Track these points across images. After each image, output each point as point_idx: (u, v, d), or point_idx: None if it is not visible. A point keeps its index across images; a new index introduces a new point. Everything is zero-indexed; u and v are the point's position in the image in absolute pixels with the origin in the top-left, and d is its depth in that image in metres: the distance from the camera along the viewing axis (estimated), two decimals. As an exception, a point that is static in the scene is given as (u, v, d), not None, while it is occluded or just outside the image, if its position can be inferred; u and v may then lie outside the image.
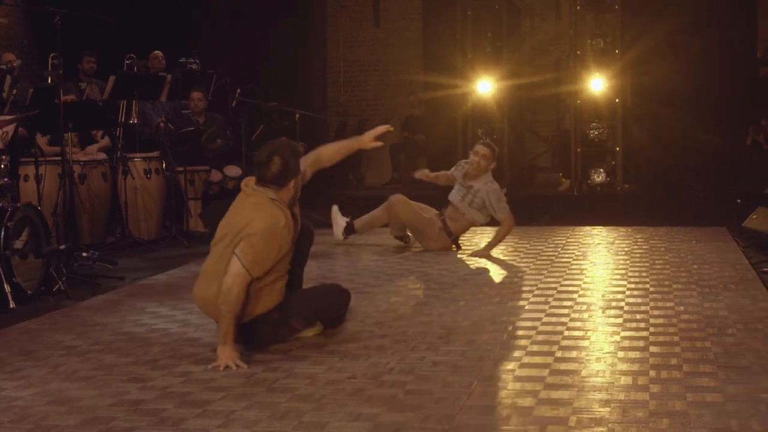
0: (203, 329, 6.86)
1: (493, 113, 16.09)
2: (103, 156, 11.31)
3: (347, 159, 18.18)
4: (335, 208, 10.91)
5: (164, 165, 11.66)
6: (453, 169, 10.65)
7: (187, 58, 13.38)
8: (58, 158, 9.88)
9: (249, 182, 6.27)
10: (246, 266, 5.90)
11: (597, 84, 15.72)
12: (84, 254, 9.21)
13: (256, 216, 6.03)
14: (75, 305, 7.96)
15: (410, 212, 10.47)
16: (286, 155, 6.16)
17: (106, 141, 11.75)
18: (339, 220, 10.83)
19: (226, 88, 13.79)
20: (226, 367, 5.77)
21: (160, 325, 7.06)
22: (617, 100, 15.79)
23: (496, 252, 10.06)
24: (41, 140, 10.64)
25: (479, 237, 10.97)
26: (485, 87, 16.07)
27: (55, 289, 8.29)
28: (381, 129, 7.04)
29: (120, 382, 5.53)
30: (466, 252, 10.26)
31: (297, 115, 13.23)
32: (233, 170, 12.43)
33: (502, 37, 16.44)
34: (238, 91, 13.44)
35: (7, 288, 7.77)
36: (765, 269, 8.71)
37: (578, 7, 16.20)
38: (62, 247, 8.74)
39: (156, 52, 13.45)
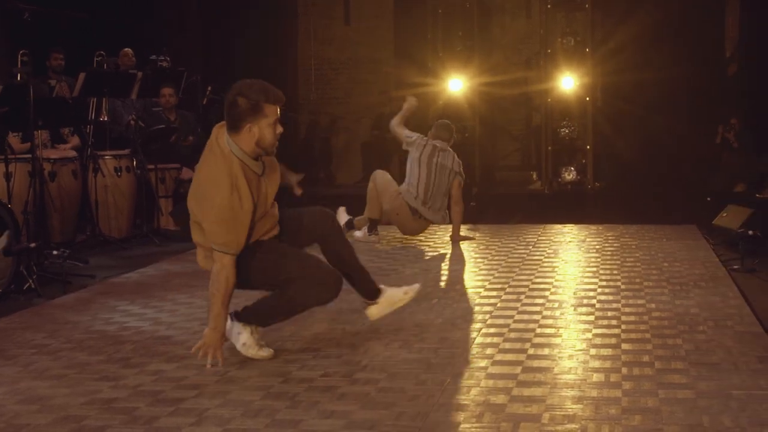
0: (175, 327, 6.85)
1: (464, 111, 16.14)
2: (73, 154, 11.25)
3: (319, 157, 18.25)
4: (341, 210, 10.92)
5: (135, 163, 11.61)
6: (411, 139, 10.98)
7: (157, 56, 13.32)
8: (28, 156, 9.82)
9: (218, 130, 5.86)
10: (222, 250, 5.73)
11: (568, 82, 15.79)
12: (54, 252, 9.15)
13: (203, 191, 5.71)
14: (46, 303, 7.93)
15: (385, 181, 10.77)
16: (240, 94, 5.71)
17: (76, 139, 11.68)
18: (341, 218, 10.85)
19: (196, 86, 13.74)
20: (204, 355, 5.67)
21: (131, 324, 7.04)
22: (588, 99, 15.87)
23: (467, 251, 10.08)
24: (12, 138, 10.57)
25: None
26: (456, 85, 16.12)
27: (25, 288, 8.25)
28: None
29: (92, 381, 5.51)
30: (438, 250, 10.27)
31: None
32: (204, 168, 12.38)
33: (473, 35, 16.50)
34: (209, 88, 13.41)
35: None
36: (735, 267, 8.76)
37: (549, 6, 16.28)
38: (32, 245, 8.69)
39: (126, 49, 13.39)
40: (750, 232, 9.05)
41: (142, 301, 7.85)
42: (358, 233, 10.86)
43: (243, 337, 5.91)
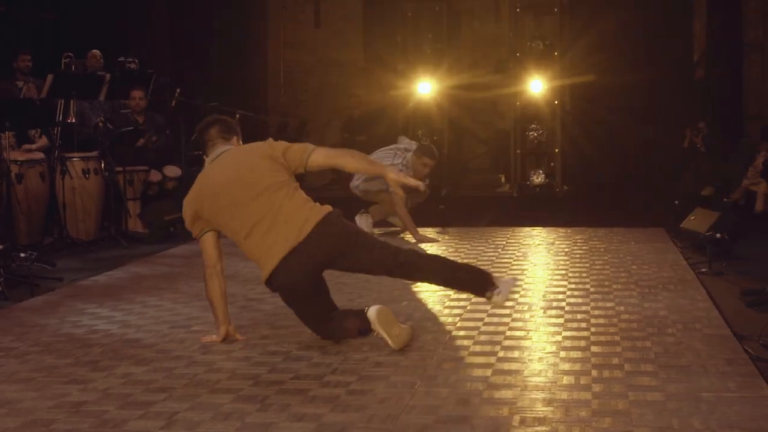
0: (144, 330, 6.82)
1: (433, 114, 16.16)
2: (40, 155, 11.19)
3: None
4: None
5: (103, 165, 11.55)
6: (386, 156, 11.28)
7: (125, 58, 13.26)
8: (-5, 158, 9.77)
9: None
10: None
11: (536, 86, 15.84)
12: (22, 255, 9.12)
13: None
14: (13, 306, 7.88)
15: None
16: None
17: (44, 140, 11.62)
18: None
19: (165, 88, 13.69)
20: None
21: (100, 326, 7.00)
22: (556, 102, 15.92)
23: (437, 253, 10.08)
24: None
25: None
26: (425, 88, 16.14)
27: (-8, 290, 8.20)
28: (412, 183, 6.48)
29: (60, 384, 5.48)
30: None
31: (237, 116, 13.14)
32: (173, 170, 12.35)
33: (443, 38, 16.52)
34: (178, 90, 13.34)
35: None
36: (703, 270, 8.79)
37: (518, 10, 16.33)
38: (-1, 247, 8.65)
39: (94, 51, 13.32)
40: (717, 235, 9.09)
41: (110, 304, 7.81)
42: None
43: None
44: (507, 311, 7.22)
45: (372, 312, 6.06)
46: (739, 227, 10.02)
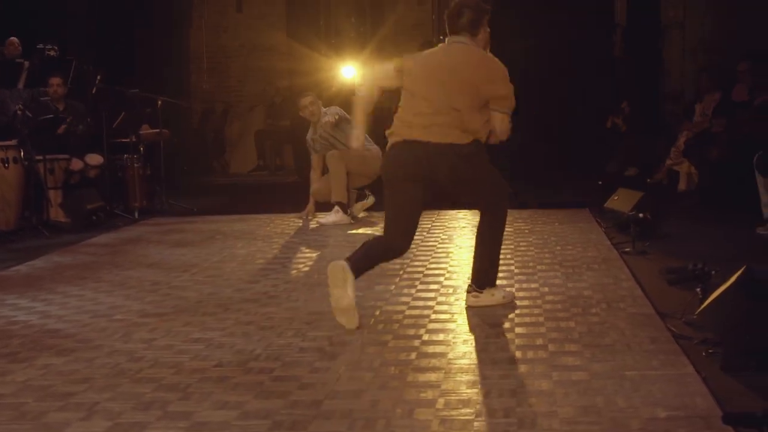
0: (65, 320, 6.72)
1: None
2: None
3: (212, 146, 18.11)
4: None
5: (22, 154, 11.35)
6: (312, 149, 11.66)
7: (44, 45, 13.07)
8: None
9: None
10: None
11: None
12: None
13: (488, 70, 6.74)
14: (-70, 298, 7.73)
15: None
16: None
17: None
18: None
19: (86, 75, 13.52)
20: None
21: (20, 317, 6.88)
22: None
23: (363, 238, 10.01)
24: None
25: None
26: (349, 72, 16.08)
27: None
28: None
29: (-22, 376, 5.38)
30: (334, 237, 10.23)
31: (159, 102, 13.06)
32: (94, 158, 12.21)
33: (366, 22, 16.48)
34: (99, 77, 13.19)
35: None
36: (626, 249, 8.84)
37: (441, -8, 16.31)
38: None
39: (11, 38, 13.12)
40: (641, 215, 9.15)
41: (31, 294, 7.68)
42: (331, 217, 11.14)
43: None
44: (432, 294, 7.22)
45: (331, 264, 6.22)
46: (662, 206, 10.10)
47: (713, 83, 13.02)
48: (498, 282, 7.36)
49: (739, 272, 5.46)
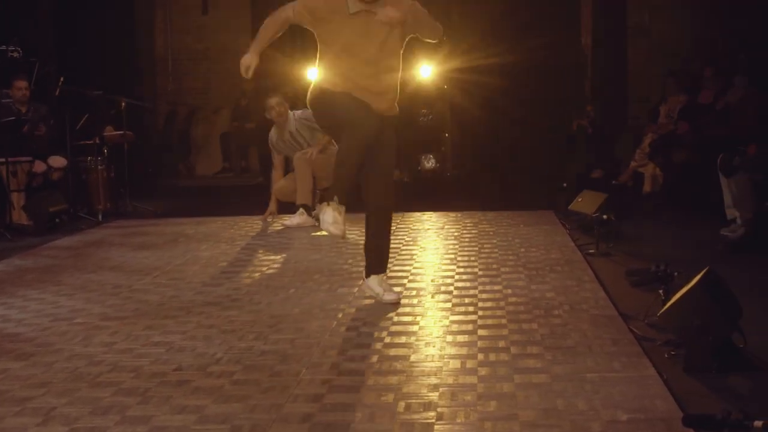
0: (24, 324, 6.65)
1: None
2: None
3: (177, 148, 18.00)
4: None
5: (-16, 156, 11.26)
6: (275, 149, 11.62)
7: (7, 46, 12.96)
8: None
9: None
10: None
11: (425, 71, 15.81)
12: None
13: None
14: None
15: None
16: None
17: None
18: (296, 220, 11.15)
19: (49, 77, 13.42)
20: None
21: (-22, 321, 6.82)
22: (445, 87, 15.93)
23: (325, 240, 9.93)
24: None
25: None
26: (314, 74, 16.03)
27: None
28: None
29: (-66, 381, 5.31)
30: (298, 239, 10.18)
31: (123, 104, 12.97)
32: (58, 161, 12.10)
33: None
34: (62, 79, 13.08)
35: None
36: (590, 251, 8.86)
37: (406, -6, 16.28)
38: None
39: (-27, 40, 13.01)
40: (604, 217, 9.15)
41: (-10, 298, 7.61)
42: (295, 219, 11.08)
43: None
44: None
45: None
46: (626, 208, 10.12)
47: (679, 86, 13.06)
48: (462, 284, 7.39)
49: (702, 273, 5.47)
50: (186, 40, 18.69)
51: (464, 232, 10.34)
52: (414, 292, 7.35)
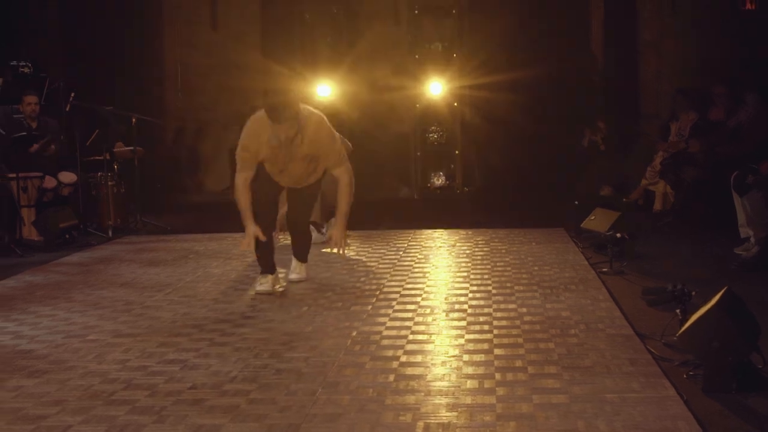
0: (37, 341, 6.61)
1: (331, 117, 16.03)
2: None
3: (186, 164, 18.00)
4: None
5: (-5, 171, 11.25)
6: None
7: (18, 62, 12.96)
8: None
9: None
10: None
11: (436, 88, 15.82)
12: None
13: None
14: None
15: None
16: None
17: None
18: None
19: (59, 92, 13.42)
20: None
21: (-10, 338, 6.78)
22: (456, 104, 15.92)
23: (337, 257, 9.92)
24: None
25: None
26: (325, 91, 16.04)
27: None
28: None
29: (-53, 399, 5.28)
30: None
31: (133, 120, 12.95)
32: (68, 176, 12.10)
33: (341, 41, 16.45)
34: (72, 94, 13.08)
35: None
36: (604, 269, 8.81)
37: (416, 12, 16.32)
38: None
39: (-16, 56, 13.02)
40: (618, 235, 9.11)
41: (2, 314, 7.57)
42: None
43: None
44: (409, 315, 7.15)
45: None
46: (639, 226, 10.07)
47: (689, 103, 13.01)
48: (476, 302, 7.36)
49: (721, 293, 5.42)
50: (195, 55, 18.66)
51: (476, 249, 10.30)
52: (428, 310, 7.31)
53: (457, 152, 16.06)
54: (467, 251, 10.22)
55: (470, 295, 7.87)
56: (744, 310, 5.50)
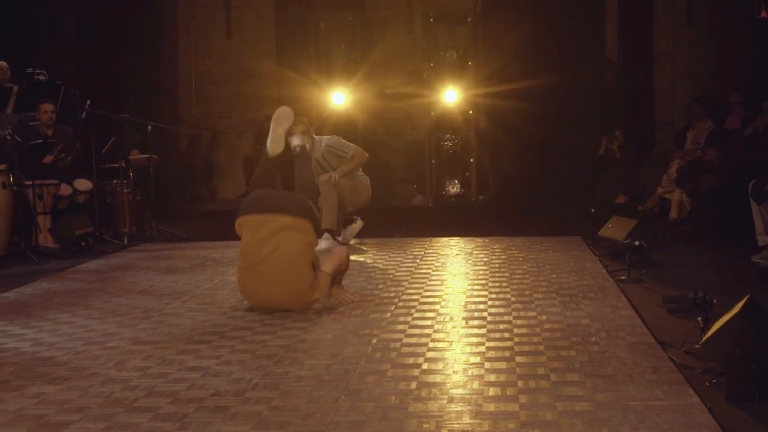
0: (57, 348, 6.61)
1: (346, 125, 16.07)
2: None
3: (200, 172, 18.01)
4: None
5: (12, 179, 11.22)
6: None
7: (33, 69, 12.98)
8: None
9: None
10: None
11: (450, 96, 15.82)
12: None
13: None
14: None
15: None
16: None
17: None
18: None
19: (74, 100, 13.43)
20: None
21: (10, 345, 6.77)
22: (471, 112, 15.92)
23: (354, 264, 9.90)
24: None
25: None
26: (340, 99, 16.06)
27: None
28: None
29: (-30, 405, 5.27)
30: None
31: (149, 128, 12.96)
32: (83, 184, 12.11)
33: (356, 49, 16.47)
34: (88, 102, 13.08)
35: None
36: (622, 277, 8.79)
37: (431, 20, 16.34)
38: None
39: (0, 62, 13.01)
40: (636, 243, 9.09)
41: (21, 321, 7.57)
42: (323, 244, 10.80)
43: None
44: (429, 322, 7.14)
45: None
46: (656, 235, 10.06)
47: (705, 112, 13.00)
48: (495, 310, 7.35)
49: (744, 301, 5.40)
50: (210, 63, 18.71)
51: (493, 257, 10.28)
52: (447, 318, 7.30)
53: (471, 160, 16.06)
54: (484, 259, 10.21)
55: (489, 302, 7.85)
56: (766, 317, 5.48)
